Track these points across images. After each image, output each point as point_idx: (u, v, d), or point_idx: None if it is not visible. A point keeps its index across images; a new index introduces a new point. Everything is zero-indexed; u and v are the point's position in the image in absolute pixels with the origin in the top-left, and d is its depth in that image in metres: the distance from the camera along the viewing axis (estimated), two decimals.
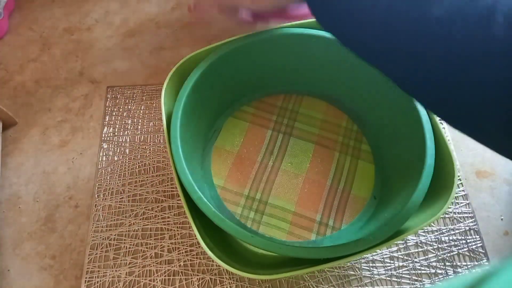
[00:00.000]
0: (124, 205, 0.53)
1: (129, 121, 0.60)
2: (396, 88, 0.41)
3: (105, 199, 0.53)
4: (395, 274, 0.47)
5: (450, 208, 0.52)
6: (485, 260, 0.49)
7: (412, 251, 0.49)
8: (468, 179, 0.55)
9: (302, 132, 0.51)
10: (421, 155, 0.37)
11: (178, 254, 0.49)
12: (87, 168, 0.56)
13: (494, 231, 0.51)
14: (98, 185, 0.54)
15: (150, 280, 0.47)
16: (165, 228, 0.50)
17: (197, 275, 0.47)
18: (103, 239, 0.50)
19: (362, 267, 0.48)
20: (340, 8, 0.23)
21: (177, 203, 0.52)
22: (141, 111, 0.61)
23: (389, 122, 0.46)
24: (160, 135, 0.59)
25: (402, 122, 0.42)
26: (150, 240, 0.50)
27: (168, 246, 0.49)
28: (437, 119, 0.38)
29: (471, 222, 0.51)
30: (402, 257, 0.49)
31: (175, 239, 0.50)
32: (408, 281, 0.47)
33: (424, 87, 0.22)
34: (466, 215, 0.52)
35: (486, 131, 0.22)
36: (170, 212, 0.52)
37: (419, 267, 0.48)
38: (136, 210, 0.52)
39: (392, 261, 0.48)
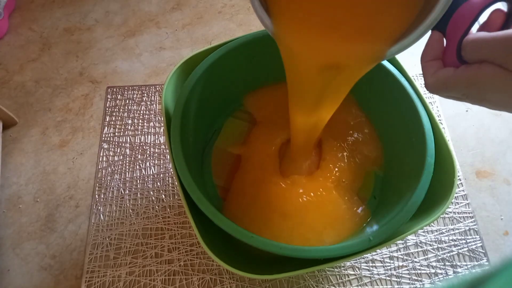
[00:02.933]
0: (124, 204, 0.53)
1: (129, 121, 0.60)
2: (394, 90, 0.41)
3: (106, 199, 0.53)
4: (395, 274, 0.47)
5: (450, 208, 0.52)
6: (485, 260, 0.49)
7: (412, 251, 0.49)
8: (468, 179, 0.55)
9: None
10: (421, 155, 0.37)
11: (178, 253, 0.49)
12: (87, 168, 0.56)
13: (494, 231, 0.51)
14: (99, 185, 0.54)
15: (150, 280, 0.47)
16: (165, 227, 0.50)
17: (197, 275, 0.47)
18: (103, 238, 0.50)
19: (362, 266, 0.48)
20: None
21: (178, 202, 0.52)
22: (141, 112, 0.61)
23: (389, 123, 0.46)
24: (161, 136, 0.59)
25: (402, 123, 0.42)
26: (151, 239, 0.50)
27: (168, 245, 0.49)
28: (437, 119, 0.38)
29: (471, 222, 0.51)
30: (402, 257, 0.49)
31: (175, 239, 0.50)
32: (408, 281, 0.47)
33: None
34: (466, 215, 0.52)
35: None
36: (170, 212, 0.52)
37: (419, 267, 0.48)
38: (136, 209, 0.52)
39: (391, 261, 0.48)
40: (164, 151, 0.57)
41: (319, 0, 0.26)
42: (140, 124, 0.60)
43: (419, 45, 0.29)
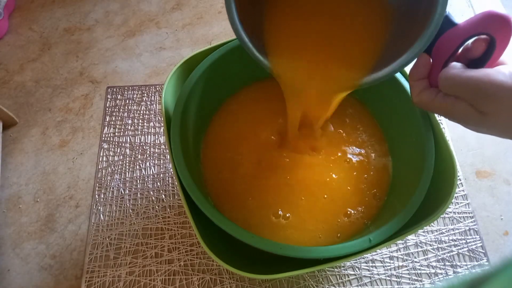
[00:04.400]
0: (124, 204, 0.53)
1: (129, 121, 0.60)
2: (394, 90, 0.41)
3: (106, 199, 0.53)
4: (395, 274, 0.48)
5: (450, 208, 0.52)
6: (485, 260, 0.49)
7: (412, 251, 0.49)
8: (468, 179, 0.55)
9: None
10: (421, 155, 0.37)
11: (178, 253, 0.49)
12: (87, 168, 0.56)
13: (494, 231, 0.51)
14: (98, 185, 0.54)
15: (150, 280, 0.47)
16: (165, 227, 0.51)
17: (197, 275, 0.47)
18: (103, 238, 0.50)
19: (362, 266, 0.48)
20: None
21: (178, 202, 0.52)
22: (141, 112, 0.61)
23: (388, 123, 0.46)
24: (161, 136, 0.59)
25: (401, 122, 0.42)
26: (151, 239, 0.50)
27: (168, 245, 0.49)
28: (437, 118, 0.38)
29: (471, 222, 0.51)
30: (402, 257, 0.49)
31: (175, 239, 0.50)
32: (408, 281, 0.47)
33: None
34: (466, 215, 0.52)
35: None
36: (170, 212, 0.52)
37: (419, 267, 0.48)
38: (136, 209, 0.52)
39: (391, 261, 0.48)
40: (164, 151, 0.57)
41: (307, 47, 0.32)
42: (140, 124, 0.60)
43: None
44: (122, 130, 0.59)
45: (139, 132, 0.59)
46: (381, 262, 0.48)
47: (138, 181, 0.54)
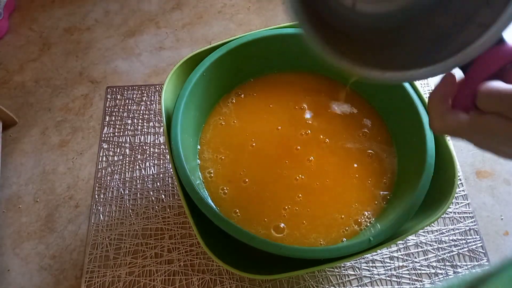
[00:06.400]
0: (124, 205, 0.53)
1: (129, 121, 0.60)
2: (394, 90, 0.41)
3: (105, 199, 0.53)
4: (395, 274, 0.47)
5: (450, 208, 0.52)
6: (485, 260, 0.49)
7: (412, 251, 0.49)
8: (468, 179, 0.55)
9: None
10: (421, 155, 0.37)
11: (178, 254, 0.49)
12: (87, 168, 0.56)
13: (494, 231, 0.51)
14: (98, 185, 0.54)
15: (150, 280, 0.47)
16: (165, 228, 0.50)
17: (197, 275, 0.47)
18: (103, 239, 0.50)
19: (362, 267, 0.48)
20: None
21: (177, 202, 0.52)
22: (141, 112, 0.61)
23: (389, 124, 0.46)
24: (160, 136, 0.59)
25: (402, 123, 0.42)
26: (150, 240, 0.50)
27: (168, 246, 0.49)
28: None
29: (471, 222, 0.51)
30: (402, 257, 0.49)
31: (175, 239, 0.50)
32: (408, 281, 0.47)
33: None
34: (466, 215, 0.52)
35: None
36: (170, 212, 0.52)
37: (419, 267, 0.48)
38: (136, 210, 0.52)
39: (392, 261, 0.48)
40: (164, 151, 0.57)
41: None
42: (140, 124, 0.60)
43: None
44: (122, 130, 0.59)
45: (139, 132, 0.59)
46: (381, 262, 0.48)
47: (138, 181, 0.54)
